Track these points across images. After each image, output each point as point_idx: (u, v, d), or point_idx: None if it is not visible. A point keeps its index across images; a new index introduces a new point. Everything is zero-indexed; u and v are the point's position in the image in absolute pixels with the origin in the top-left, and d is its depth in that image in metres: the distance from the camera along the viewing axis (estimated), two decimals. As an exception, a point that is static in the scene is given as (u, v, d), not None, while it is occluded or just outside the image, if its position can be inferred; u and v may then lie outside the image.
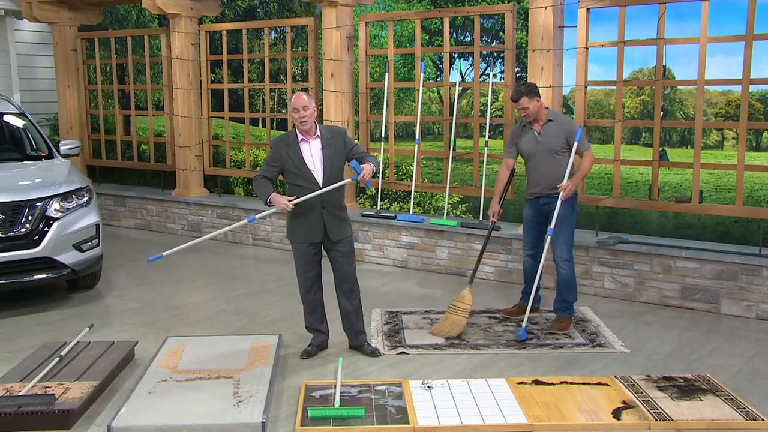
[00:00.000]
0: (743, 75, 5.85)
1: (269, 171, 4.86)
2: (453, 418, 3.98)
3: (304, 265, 4.92)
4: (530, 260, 5.67)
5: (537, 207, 5.56)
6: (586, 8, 6.37)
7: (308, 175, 4.79)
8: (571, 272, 5.47)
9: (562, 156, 5.40)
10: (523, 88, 5.37)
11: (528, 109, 5.34)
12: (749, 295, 5.82)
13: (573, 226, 5.51)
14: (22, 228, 5.95)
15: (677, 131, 11.05)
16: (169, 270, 7.54)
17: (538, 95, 5.39)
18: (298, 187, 4.81)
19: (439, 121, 7.69)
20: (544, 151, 5.42)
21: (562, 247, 5.42)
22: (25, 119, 7.32)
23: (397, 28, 11.98)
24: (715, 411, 4.05)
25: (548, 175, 5.42)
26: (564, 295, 5.51)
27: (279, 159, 4.83)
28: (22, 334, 5.56)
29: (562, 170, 5.38)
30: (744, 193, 6.04)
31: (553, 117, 5.45)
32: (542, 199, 5.51)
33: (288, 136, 4.89)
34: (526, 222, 5.68)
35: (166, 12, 8.59)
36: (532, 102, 5.33)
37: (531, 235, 5.66)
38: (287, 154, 4.80)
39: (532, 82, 5.76)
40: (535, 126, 5.46)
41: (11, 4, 10.12)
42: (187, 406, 4.05)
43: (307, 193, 4.75)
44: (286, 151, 4.80)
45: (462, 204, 10.32)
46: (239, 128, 10.95)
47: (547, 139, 5.41)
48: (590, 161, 5.40)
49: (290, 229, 4.94)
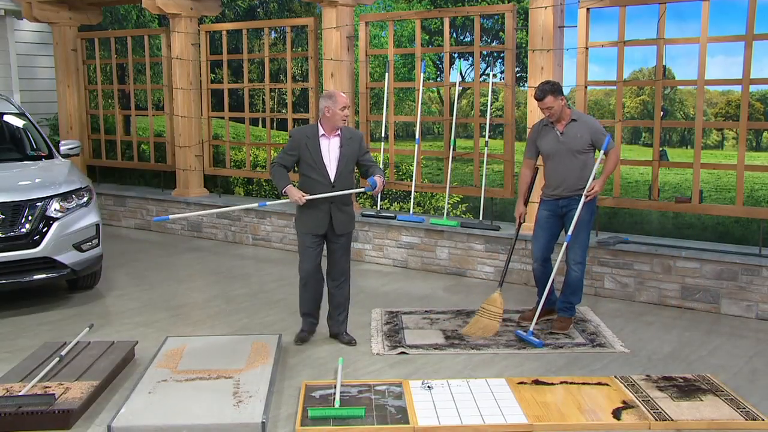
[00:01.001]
0: (743, 75, 5.85)
1: (286, 159, 5.07)
2: (453, 418, 3.98)
3: (307, 255, 5.11)
4: (540, 268, 5.50)
5: (554, 208, 5.41)
6: (586, 8, 6.37)
7: (322, 170, 5.01)
8: (581, 275, 5.38)
9: (584, 156, 5.28)
10: (548, 86, 5.23)
11: (553, 108, 5.22)
12: (749, 295, 5.82)
13: (590, 229, 5.43)
14: (22, 228, 5.95)
15: (677, 131, 11.05)
16: (169, 270, 7.54)
17: (562, 94, 5.27)
18: (309, 178, 5.03)
19: (439, 121, 7.69)
20: (566, 151, 5.28)
21: (577, 251, 5.32)
22: (25, 119, 7.32)
23: (397, 28, 11.98)
24: (715, 411, 4.05)
25: (569, 176, 5.29)
26: (569, 296, 5.47)
27: (297, 149, 5.04)
28: (22, 334, 5.56)
29: (585, 171, 5.26)
30: (744, 193, 6.04)
31: (576, 116, 5.33)
32: (561, 201, 5.36)
33: (310, 129, 5.10)
34: (539, 224, 5.51)
35: (166, 12, 8.59)
36: (557, 101, 5.21)
37: (543, 238, 5.48)
38: (306, 147, 5.01)
39: (556, 81, 5.58)
40: (557, 125, 5.33)
41: (11, 4, 10.12)
42: (187, 406, 4.05)
43: (317, 184, 5.00)
44: (306, 143, 5.02)
45: (462, 204, 10.32)
46: (239, 128, 10.95)
47: (569, 139, 5.28)
48: (615, 159, 5.27)
49: (299, 219, 5.14)
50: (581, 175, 5.28)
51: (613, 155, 5.27)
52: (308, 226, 5.07)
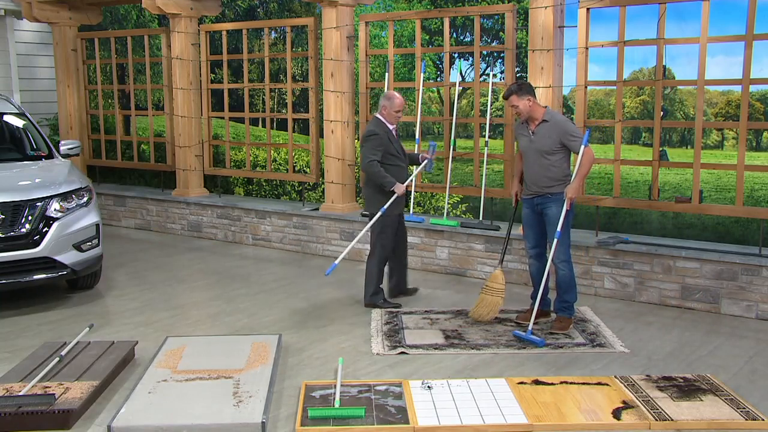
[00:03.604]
0: (743, 75, 5.85)
1: (380, 156, 5.84)
2: (453, 418, 3.98)
3: (394, 233, 6.03)
4: (535, 263, 5.62)
5: (532, 206, 5.54)
6: (586, 8, 6.37)
7: (403, 157, 5.98)
8: (569, 273, 5.45)
9: (554, 157, 5.34)
10: (514, 86, 5.37)
11: (518, 107, 5.34)
12: (749, 295, 5.82)
13: (569, 227, 5.48)
14: (22, 228, 5.95)
15: (677, 131, 11.06)
16: (169, 270, 7.55)
17: (529, 94, 5.35)
18: (395, 166, 5.90)
19: (439, 121, 7.69)
20: (535, 151, 5.38)
21: (559, 248, 5.40)
22: (25, 119, 7.32)
23: (397, 28, 11.99)
24: (715, 411, 4.05)
25: (539, 176, 5.40)
26: (563, 296, 5.50)
27: (383, 145, 5.84)
28: (22, 334, 5.56)
29: (553, 171, 5.34)
30: (744, 193, 6.04)
31: (548, 117, 5.38)
32: (536, 198, 5.48)
33: (381, 125, 5.91)
34: (524, 221, 5.66)
35: (166, 12, 8.60)
36: (522, 100, 5.31)
37: (531, 235, 5.64)
38: (389, 140, 5.88)
39: (527, 81, 5.71)
40: (530, 125, 5.44)
41: (11, 4, 10.12)
42: (187, 406, 4.05)
43: (401, 171, 5.95)
44: (388, 137, 5.87)
45: (462, 204, 10.32)
46: (239, 128, 10.96)
47: (538, 139, 5.37)
48: (588, 160, 5.29)
49: (390, 205, 5.84)
50: (550, 175, 5.36)
51: (585, 157, 5.25)
52: (399, 208, 5.99)
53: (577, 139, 5.28)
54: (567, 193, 5.26)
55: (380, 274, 6.09)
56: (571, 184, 5.28)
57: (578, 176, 5.30)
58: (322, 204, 8.22)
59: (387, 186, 5.77)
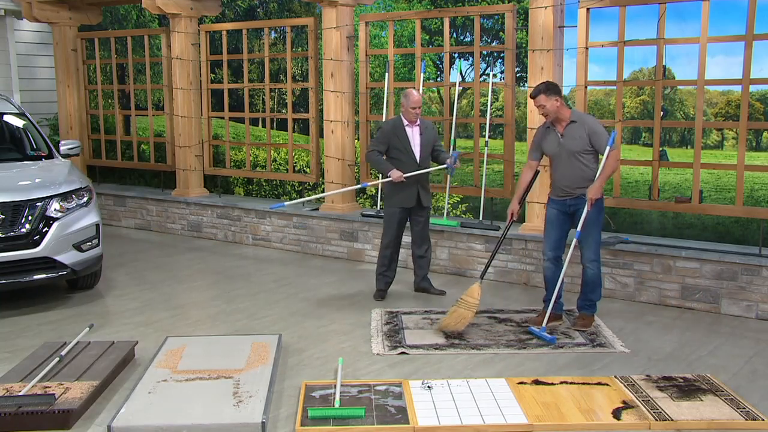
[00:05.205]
0: (743, 75, 5.85)
1: (381, 147, 6.12)
2: (453, 418, 3.98)
3: (395, 226, 6.23)
4: (552, 266, 5.53)
5: (563, 207, 5.43)
6: (586, 8, 6.37)
7: (411, 153, 6.11)
8: (598, 272, 5.43)
9: (586, 157, 5.29)
10: (542, 85, 5.29)
11: (545, 107, 5.25)
12: (749, 295, 5.82)
13: (600, 227, 5.44)
14: (22, 228, 5.95)
15: (677, 131, 11.06)
16: (169, 270, 7.55)
17: (557, 94, 5.28)
18: (399, 161, 6.08)
19: (439, 121, 7.69)
20: (567, 153, 5.30)
21: (590, 248, 5.36)
22: (25, 119, 7.32)
23: (397, 28, 11.99)
24: (715, 411, 4.05)
25: (571, 178, 5.32)
26: (589, 294, 5.50)
27: (388, 139, 6.11)
28: (22, 334, 5.56)
29: (586, 172, 5.29)
30: (744, 193, 6.04)
31: (576, 117, 5.33)
32: (569, 200, 5.39)
33: (395, 122, 6.16)
34: (549, 222, 5.54)
35: (166, 12, 8.59)
36: (550, 100, 5.23)
37: (554, 236, 5.51)
38: (395, 135, 6.09)
39: (555, 82, 5.58)
40: (557, 127, 5.36)
41: (11, 4, 10.12)
42: (187, 406, 4.04)
43: (406, 166, 6.06)
44: (394, 132, 6.10)
45: (462, 204, 10.33)
46: (239, 128, 10.97)
47: (568, 141, 5.29)
48: (614, 161, 5.25)
49: (389, 197, 6.21)
50: (584, 176, 5.30)
51: (612, 157, 5.24)
52: (400, 201, 6.13)
53: (603, 140, 5.24)
54: (588, 194, 5.20)
55: (380, 261, 6.35)
56: (594, 185, 5.22)
57: (601, 177, 5.24)
58: (322, 204, 8.22)
59: (383, 171, 6.10)
